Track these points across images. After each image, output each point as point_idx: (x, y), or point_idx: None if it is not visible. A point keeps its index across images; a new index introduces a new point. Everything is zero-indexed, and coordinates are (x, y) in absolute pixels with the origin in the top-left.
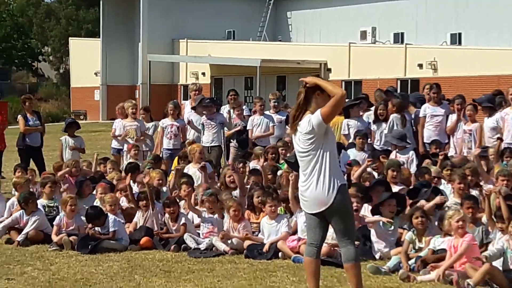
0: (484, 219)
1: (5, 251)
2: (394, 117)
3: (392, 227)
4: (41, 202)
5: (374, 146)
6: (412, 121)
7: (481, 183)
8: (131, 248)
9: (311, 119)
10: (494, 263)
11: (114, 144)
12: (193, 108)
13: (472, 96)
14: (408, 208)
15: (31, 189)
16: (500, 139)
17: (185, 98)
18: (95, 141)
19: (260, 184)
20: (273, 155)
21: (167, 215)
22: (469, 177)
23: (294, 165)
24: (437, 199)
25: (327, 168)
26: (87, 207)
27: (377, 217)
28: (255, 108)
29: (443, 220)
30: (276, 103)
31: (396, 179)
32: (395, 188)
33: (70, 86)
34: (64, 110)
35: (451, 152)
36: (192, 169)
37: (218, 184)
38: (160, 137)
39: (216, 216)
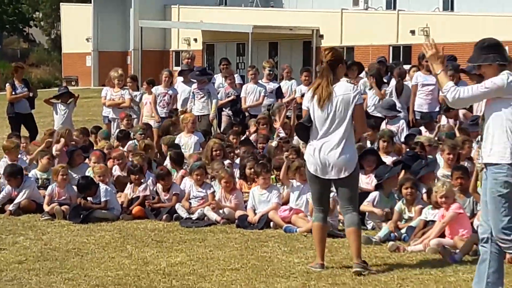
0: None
1: None
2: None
3: (389, 205)
4: (34, 173)
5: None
6: None
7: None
8: (123, 218)
9: (354, 87)
10: None
11: (105, 112)
12: (180, 73)
13: (465, 63)
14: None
15: (21, 156)
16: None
17: (177, 65)
18: (86, 107)
19: (253, 154)
20: (265, 125)
21: (159, 185)
22: (465, 148)
23: (306, 130)
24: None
25: (352, 137)
26: (78, 177)
27: (373, 209)
28: (248, 76)
29: (431, 193)
30: (270, 72)
31: (388, 149)
32: (387, 159)
33: (61, 52)
34: (56, 76)
35: (443, 121)
36: (184, 138)
37: (203, 157)
38: (153, 103)
39: (205, 190)
